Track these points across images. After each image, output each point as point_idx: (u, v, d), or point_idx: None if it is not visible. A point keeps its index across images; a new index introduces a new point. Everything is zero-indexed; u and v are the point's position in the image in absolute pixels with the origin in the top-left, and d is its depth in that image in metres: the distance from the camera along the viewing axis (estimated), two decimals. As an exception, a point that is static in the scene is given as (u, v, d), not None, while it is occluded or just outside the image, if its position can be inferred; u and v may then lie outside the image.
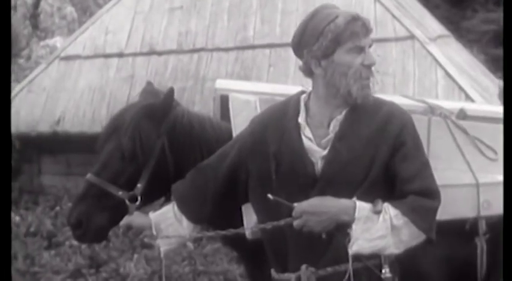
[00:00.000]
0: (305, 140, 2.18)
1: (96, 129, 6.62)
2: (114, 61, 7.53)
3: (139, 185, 2.57)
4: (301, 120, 2.20)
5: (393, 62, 6.33)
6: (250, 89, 2.80)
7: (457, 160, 2.52)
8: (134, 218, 2.56)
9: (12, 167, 7.56)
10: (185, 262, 5.46)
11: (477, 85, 6.57)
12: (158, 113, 2.63)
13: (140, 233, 5.76)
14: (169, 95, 2.65)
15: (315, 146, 2.17)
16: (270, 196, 2.12)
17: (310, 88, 2.27)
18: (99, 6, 11.25)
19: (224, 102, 2.73)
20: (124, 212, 2.57)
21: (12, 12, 11.55)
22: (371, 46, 2.16)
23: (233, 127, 2.59)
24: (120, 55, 7.54)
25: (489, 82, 7.52)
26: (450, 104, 2.74)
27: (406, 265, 2.20)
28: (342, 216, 2.06)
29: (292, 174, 2.16)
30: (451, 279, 2.59)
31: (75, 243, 5.56)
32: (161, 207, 2.58)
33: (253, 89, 2.81)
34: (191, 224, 2.47)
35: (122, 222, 2.60)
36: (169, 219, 2.48)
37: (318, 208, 2.06)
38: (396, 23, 6.56)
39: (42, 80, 7.74)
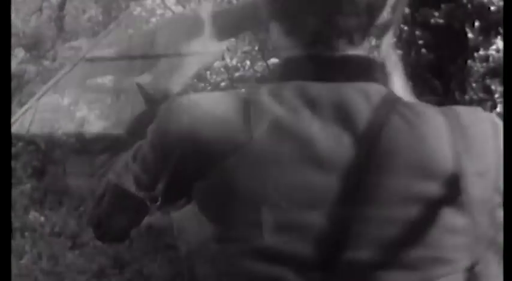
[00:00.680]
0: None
1: (120, 130, 6.64)
2: (138, 63, 7.55)
3: (159, 185, 2.56)
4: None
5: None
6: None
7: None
8: (155, 218, 2.56)
9: (37, 167, 7.66)
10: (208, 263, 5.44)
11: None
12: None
13: (162, 233, 5.77)
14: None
15: None
16: None
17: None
18: (123, 8, 11.32)
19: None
20: (145, 212, 2.56)
21: (38, 14, 11.69)
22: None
23: None
24: (144, 57, 7.55)
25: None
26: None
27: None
28: None
29: None
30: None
31: (99, 243, 5.59)
32: (183, 207, 2.57)
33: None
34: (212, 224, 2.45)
35: (143, 222, 2.59)
36: (190, 220, 2.47)
37: None
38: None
39: (67, 82, 7.81)
